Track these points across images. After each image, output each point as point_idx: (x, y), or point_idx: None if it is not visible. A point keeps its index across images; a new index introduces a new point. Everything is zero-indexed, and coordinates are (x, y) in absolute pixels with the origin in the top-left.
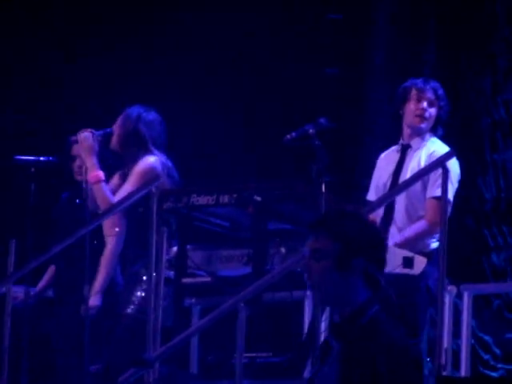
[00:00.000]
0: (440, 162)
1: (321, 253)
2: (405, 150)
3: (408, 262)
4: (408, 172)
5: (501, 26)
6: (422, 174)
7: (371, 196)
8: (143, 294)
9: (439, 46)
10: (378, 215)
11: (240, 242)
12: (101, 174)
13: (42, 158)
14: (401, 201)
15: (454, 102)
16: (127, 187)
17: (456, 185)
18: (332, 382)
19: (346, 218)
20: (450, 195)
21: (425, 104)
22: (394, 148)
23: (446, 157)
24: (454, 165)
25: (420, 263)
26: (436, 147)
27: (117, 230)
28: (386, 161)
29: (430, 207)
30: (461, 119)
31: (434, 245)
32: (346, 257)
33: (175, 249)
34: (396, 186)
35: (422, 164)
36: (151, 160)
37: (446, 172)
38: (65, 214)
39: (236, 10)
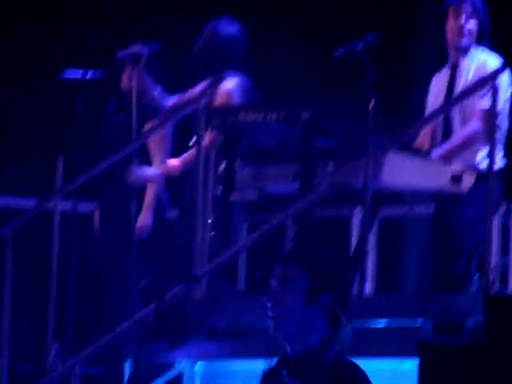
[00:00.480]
0: (491, 77)
1: (289, 284)
2: (454, 70)
3: (456, 179)
4: (459, 90)
5: None
6: (473, 90)
7: None
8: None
9: None
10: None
11: (288, 159)
12: (174, 165)
13: (89, 74)
14: (456, 119)
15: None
16: None
17: (508, 96)
18: None
19: (318, 253)
20: (503, 107)
21: (463, 19)
22: (444, 69)
23: (498, 70)
24: (505, 76)
25: (468, 180)
26: (484, 57)
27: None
28: (439, 83)
29: (480, 117)
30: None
31: (484, 161)
32: (314, 291)
33: (223, 166)
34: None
35: (472, 77)
36: (228, 85)
37: (496, 87)
38: (111, 128)
39: None
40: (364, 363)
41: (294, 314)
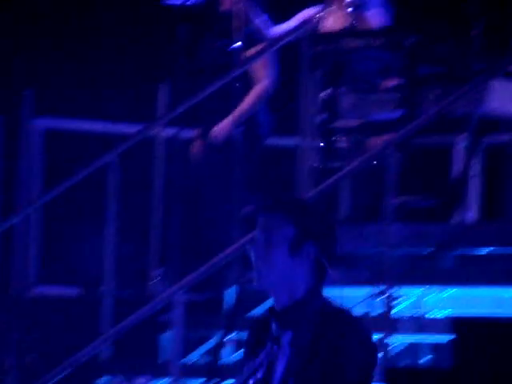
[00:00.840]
0: None
1: (274, 234)
2: None
3: None
4: None
5: None
6: None
7: None
8: None
9: None
10: None
11: (391, 86)
12: None
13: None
14: None
15: None
16: None
17: None
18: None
19: (303, 203)
20: None
21: None
22: None
23: None
24: None
25: None
26: None
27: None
28: None
29: None
30: None
31: None
32: (299, 241)
33: (326, 92)
34: None
35: None
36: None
37: None
38: (213, 54)
39: None
40: (466, 291)
41: (279, 265)
